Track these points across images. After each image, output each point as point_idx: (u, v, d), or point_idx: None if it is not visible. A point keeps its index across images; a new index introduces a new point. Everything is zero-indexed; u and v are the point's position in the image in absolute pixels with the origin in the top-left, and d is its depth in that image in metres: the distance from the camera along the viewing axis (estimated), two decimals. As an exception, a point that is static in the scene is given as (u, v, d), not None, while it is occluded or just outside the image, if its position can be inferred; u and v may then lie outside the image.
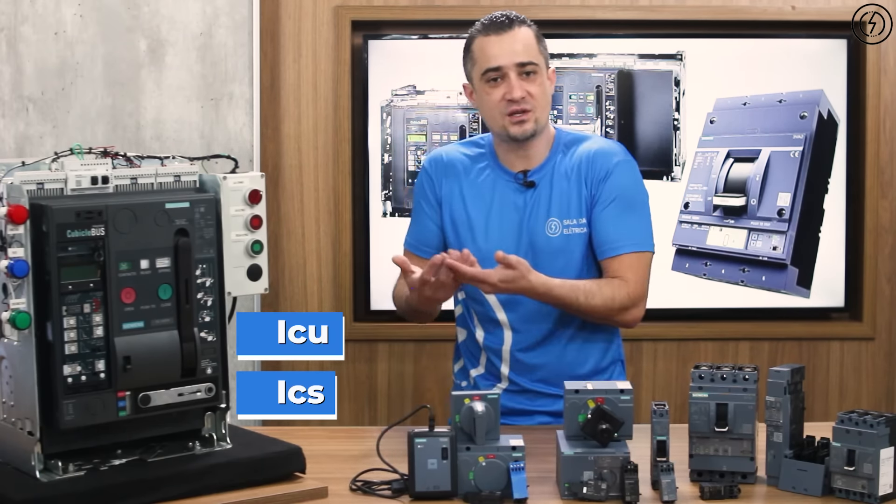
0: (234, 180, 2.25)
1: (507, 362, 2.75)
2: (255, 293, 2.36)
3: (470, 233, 2.74)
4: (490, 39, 2.67)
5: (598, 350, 2.77)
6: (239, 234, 2.26)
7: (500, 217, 2.73)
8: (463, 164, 2.79)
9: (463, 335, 2.84)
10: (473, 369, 2.81)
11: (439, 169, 2.80)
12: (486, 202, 2.74)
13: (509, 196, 2.73)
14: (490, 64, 2.66)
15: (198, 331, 2.17)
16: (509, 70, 2.65)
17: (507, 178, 2.74)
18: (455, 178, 2.78)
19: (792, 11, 3.78)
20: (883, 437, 2.10)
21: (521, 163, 2.73)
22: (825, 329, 3.87)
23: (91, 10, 3.59)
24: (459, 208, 2.76)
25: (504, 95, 2.65)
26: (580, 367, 2.74)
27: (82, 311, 2.07)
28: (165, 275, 2.14)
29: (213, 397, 2.21)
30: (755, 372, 2.24)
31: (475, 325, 2.78)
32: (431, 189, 2.80)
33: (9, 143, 3.57)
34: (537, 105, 2.67)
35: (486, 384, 2.77)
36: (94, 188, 2.15)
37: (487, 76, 2.67)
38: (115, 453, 2.17)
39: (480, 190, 2.75)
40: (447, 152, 2.83)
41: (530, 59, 2.66)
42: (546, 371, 2.73)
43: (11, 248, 2.03)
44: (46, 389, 2.07)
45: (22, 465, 2.11)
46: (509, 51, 2.66)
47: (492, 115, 2.70)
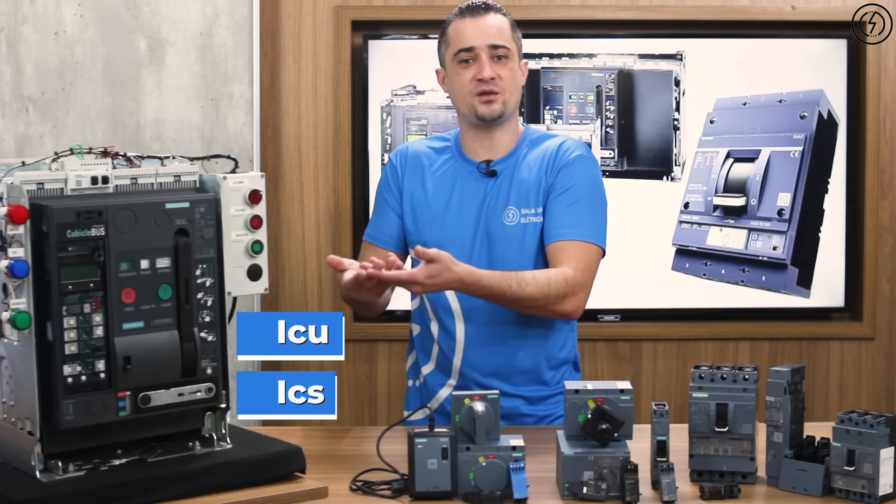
0: (234, 180, 2.25)
1: (460, 354, 2.71)
2: (255, 293, 2.36)
3: (428, 221, 2.74)
4: (465, 22, 2.71)
5: (552, 345, 2.74)
6: (239, 234, 2.26)
7: (459, 205, 2.73)
8: (427, 156, 2.80)
9: (417, 329, 2.82)
10: (424, 366, 2.79)
11: (403, 160, 2.81)
12: (447, 191, 2.75)
13: (470, 185, 2.73)
14: (463, 44, 2.69)
15: (198, 331, 2.17)
16: (481, 51, 2.68)
17: (470, 167, 2.74)
18: (418, 168, 2.78)
19: (792, 11, 3.78)
20: (883, 437, 2.10)
21: (485, 152, 2.74)
22: (825, 329, 3.88)
23: (91, 10, 3.59)
24: (420, 197, 2.76)
25: (474, 76, 2.68)
26: (532, 361, 2.71)
27: (82, 311, 2.07)
28: (165, 275, 2.14)
29: (213, 397, 2.21)
30: (755, 372, 2.24)
31: (430, 317, 2.76)
32: (395, 179, 2.80)
33: (9, 143, 3.57)
34: (506, 88, 2.68)
35: (434, 382, 2.75)
36: (94, 188, 2.15)
37: (460, 56, 2.69)
38: (115, 453, 2.17)
39: (442, 179, 2.76)
40: (412, 145, 2.85)
41: (503, 43, 2.69)
42: (497, 364, 2.69)
43: (11, 248, 2.03)
44: (46, 389, 2.07)
45: (22, 465, 2.11)
46: (482, 32, 2.68)
47: (461, 96, 2.71)
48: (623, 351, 3.85)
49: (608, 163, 3.75)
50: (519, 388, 2.72)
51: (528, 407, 2.72)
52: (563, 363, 2.78)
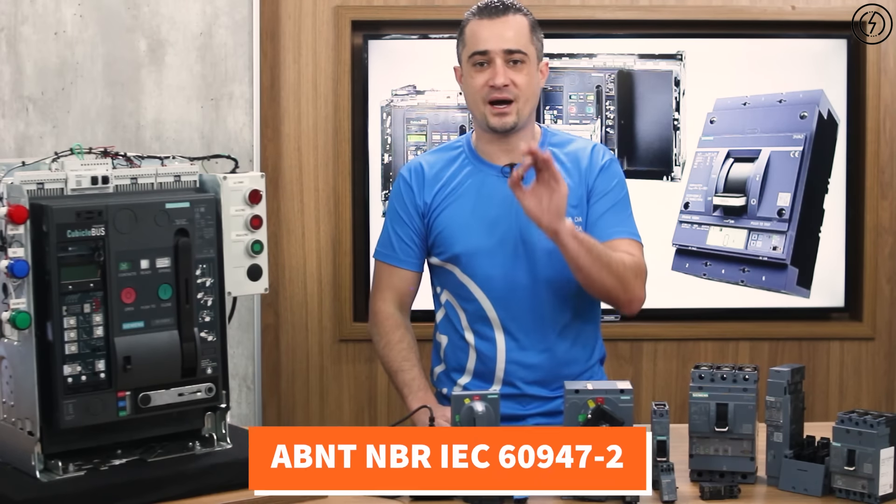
0: (234, 180, 2.25)
1: (502, 365, 2.69)
2: (255, 293, 2.36)
3: (454, 232, 2.69)
4: (482, 23, 2.64)
5: (588, 345, 2.75)
6: (239, 234, 2.26)
7: (486, 212, 2.67)
8: (441, 168, 2.74)
9: (445, 340, 2.78)
10: (460, 378, 2.75)
11: (418, 176, 2.75)
12: (471, 198, 2.69)
13: (496, 190, 2.67)
14: (478, 47, 2.63)
15: (198, 331, 2.17)
16: (496, 56, 2.61)
17: (492, 171, 2.69)
18: (434, 181, 2.73)
19: (792, 11, 3.78)
20: (883, 437, 2.10)
21: (505, 157, 2.68)
22: (825, 329, 3.88)
23: (91, 10, 3.59)
24: (442, 210, 2.71)
25: (487, 81, 2.62)
26: (573, 364, 2.71)
27: (82, 311, 2.07)
28: (165, 275, 2.14)
29: (213, 397, 2.21)
30: (755, 372, 2.24)
31: (463, 327, 2.73)
32: (411, 198, 2.74)
33: (9, 143, 3.57)
34: (521, 95, 2.62)
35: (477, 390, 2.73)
36: (94, 188, 2.15)
37: (474, 59, 2.64)
38: (115, 453, 2.17)
39: (462, 188, 2.71)
40: (423, 159, 2.78)
41: (519, 48, 2.62)
42: (542, 371, 2.69)
43: (11, 248, 2.03)
44: (46, 389, 2.07)
45: (22, 465, 2.11)
46: (498, 36, 2.62)
47: (474, 101, 2.66)
48: (623, 351, 3.85)
49: (608, 163, 3.75)
50: (559, 391, 2.71)
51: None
52: (596, 363, 2.79)
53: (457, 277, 2.72)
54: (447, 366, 2.79)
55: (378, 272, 2.82)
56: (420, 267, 2.78)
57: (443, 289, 2.77)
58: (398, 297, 2.79)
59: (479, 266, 2.68)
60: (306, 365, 3.79)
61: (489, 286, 2.69)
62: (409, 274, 2.77)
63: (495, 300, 2.69)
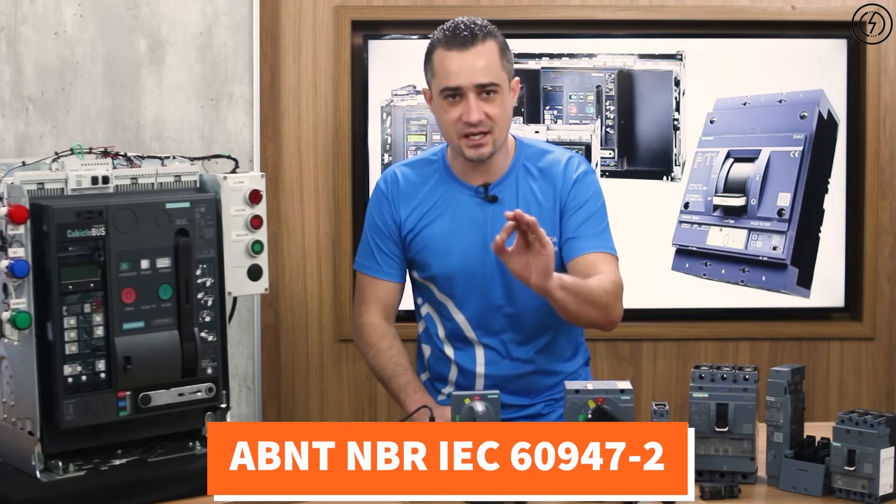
0: (234, 180, 2.26)
1: (482, 378, 2.70)
2: (255, 293, 2.36)
3: (431, 252, 2.68)
4: (451, 55, 2.55)
5: (569, 354, 2.76)
6: (239, 234, 2.26)
7: (462, 234, 2.65)
8: (416, 182, 2.72)
9: (429, 351, 2.79)
10: (444, 387, 2.75)
11: (394, 188, 2.72)
12: (447, 219, 2.67)
13: (470, 211, 2.65)
14: (449, 83, 2.55)
15: (198, 331, 2.17)
16: (468, 90, 2.54)
17: (467, 192, 2.67)
18: (412, 196, 2.70)
19: (792, 11, 3.78)
20: (883, 437, 2.10)
21: (480, 177, 2.66)
22: (825, 329, 3.87)
23: (91, 10, 3.59)
24: (419, 227, 2.69)
25: (461, 116, 2.56)
26: (555, 375, 2.71)
27: (83, 311, 2.07)
28: (166, 275, 2.15)
29: (213, 397, 2.21)
30: (755, 372, 2.24)
31: (442, 340, 2.73)
32: (389, 211, 2.72)
33: (9, 143, 3.57)
34: (496, 126, 2.57)
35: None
36: (94, 188, 2.16)
37: (445, 93, 2.57)
38: (115, 453, 2.17)
39: (438, 207, 2.68)
40: (401, 173, 2.75)
41: (491, 80, 2.55)
42: (523, 383, 2.70)
43: (12, 248, 2.03)
44: (47, 389, 2.07)
45: (22, 465, 2.11)
46: (469, 69, 2.54)
47: (447, 133, 2.62)
48: (623, 351, 3.85)
49: (608, 163, 3.75)
50: (540, 397, 2.73)
51: (548, 407, 2.74)
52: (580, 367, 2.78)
53: (435, 295, 2.72)
54: (431, 374, 2.80)
55: (361, 284, 2.80)
56: (403, 277, 2.77)
57: (424, 301, 2.77)
58: (384, 309, 2.77)
59: (457, 287, 2.68)
60: (306, 365, 3.79)
61: (466, 306, 2.68)
62: (394, 286, 2.76)
63: (472, 320, 2.68)
